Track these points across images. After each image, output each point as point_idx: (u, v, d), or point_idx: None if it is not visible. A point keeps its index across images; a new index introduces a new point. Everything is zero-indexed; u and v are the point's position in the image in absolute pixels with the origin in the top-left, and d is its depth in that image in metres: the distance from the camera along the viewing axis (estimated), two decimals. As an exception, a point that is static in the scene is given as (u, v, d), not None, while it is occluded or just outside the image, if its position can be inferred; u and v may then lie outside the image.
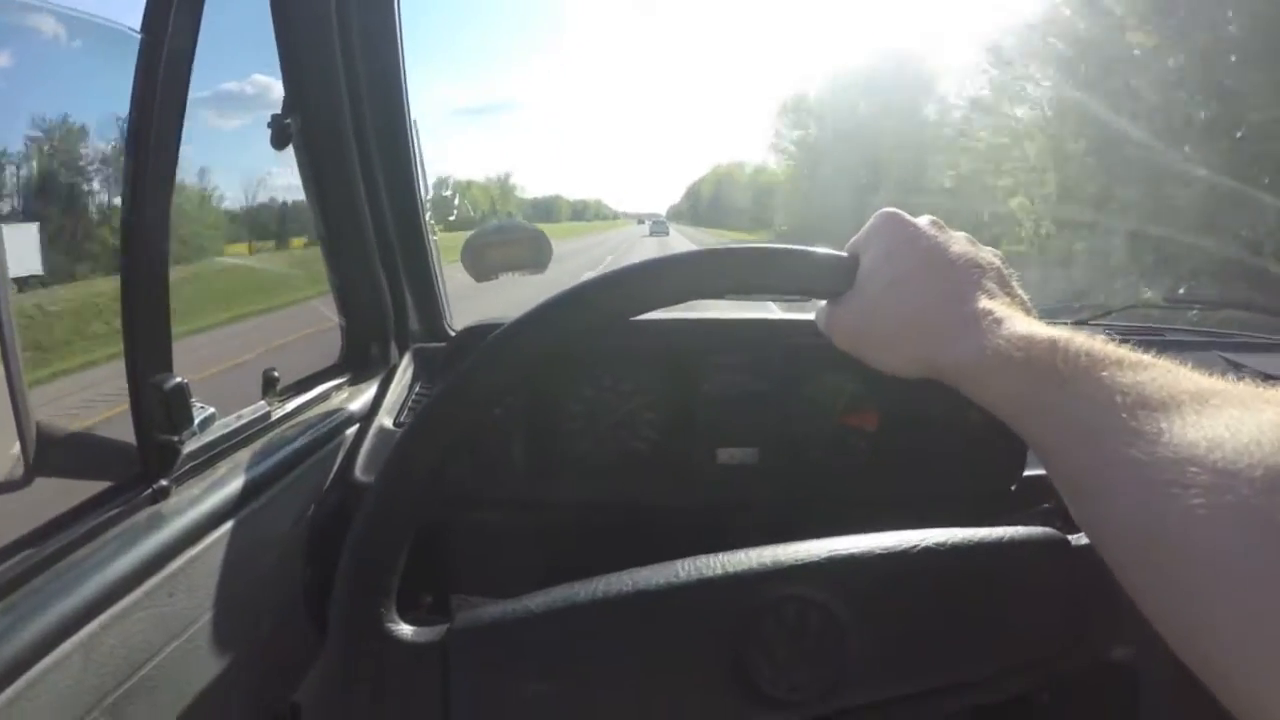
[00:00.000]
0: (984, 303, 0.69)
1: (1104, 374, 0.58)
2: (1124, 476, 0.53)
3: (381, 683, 0.76)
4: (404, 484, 0.76)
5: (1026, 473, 1.30)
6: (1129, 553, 0.54)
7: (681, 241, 56.09)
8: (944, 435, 1.29)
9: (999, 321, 0.67)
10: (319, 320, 1.81)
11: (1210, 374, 0.56)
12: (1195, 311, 2.32)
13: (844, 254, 0.80)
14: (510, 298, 1.91)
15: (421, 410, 0.77)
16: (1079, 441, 0.58)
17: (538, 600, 0.77)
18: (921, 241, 0.75)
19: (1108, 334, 1.74)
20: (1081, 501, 0.59)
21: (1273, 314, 2.27)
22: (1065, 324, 0.66)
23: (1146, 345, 0.58)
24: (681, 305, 0.78)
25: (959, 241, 0.76)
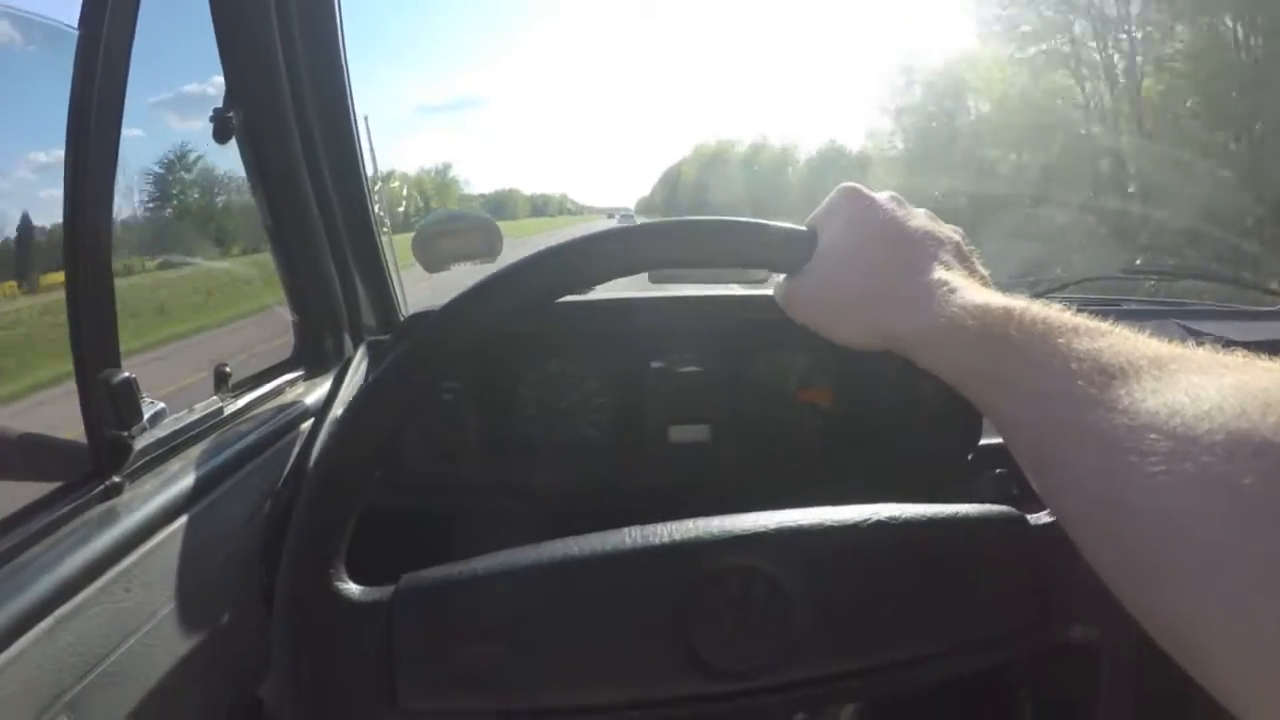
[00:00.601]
0: (939, 273, 0.70)
1: (1060, 341, 0.59)
2: (1082, 445, 0.53)
3: (326, 641, 0.76)
4: (347, 453, 0.76)
5: (982, 441, 1.32)
6: (1089, 522, 0.54)
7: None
8: (899, 407, 1.31)
9: (953, 291, 0.67)
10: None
11: (1169, 341, 0.56)
12: (1152, 282, 2.35)
13: (803, 228, 0.80)
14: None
15: (368, 383, 0.77)
16: (1035, 410, 0.58)
17: (484, 563, 0.79)
18: (880, 215, 0.76)
19: (1066, 305, 1.77)
20: (1040, 470, 0.59)
21: (1229, 283, 2.31)
22: (1025, 296, 0.67)
23: (1103, 315, 0.59)
24: (637, 285, 0.79)
25: (918, 217, 0.77)
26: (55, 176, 0.92)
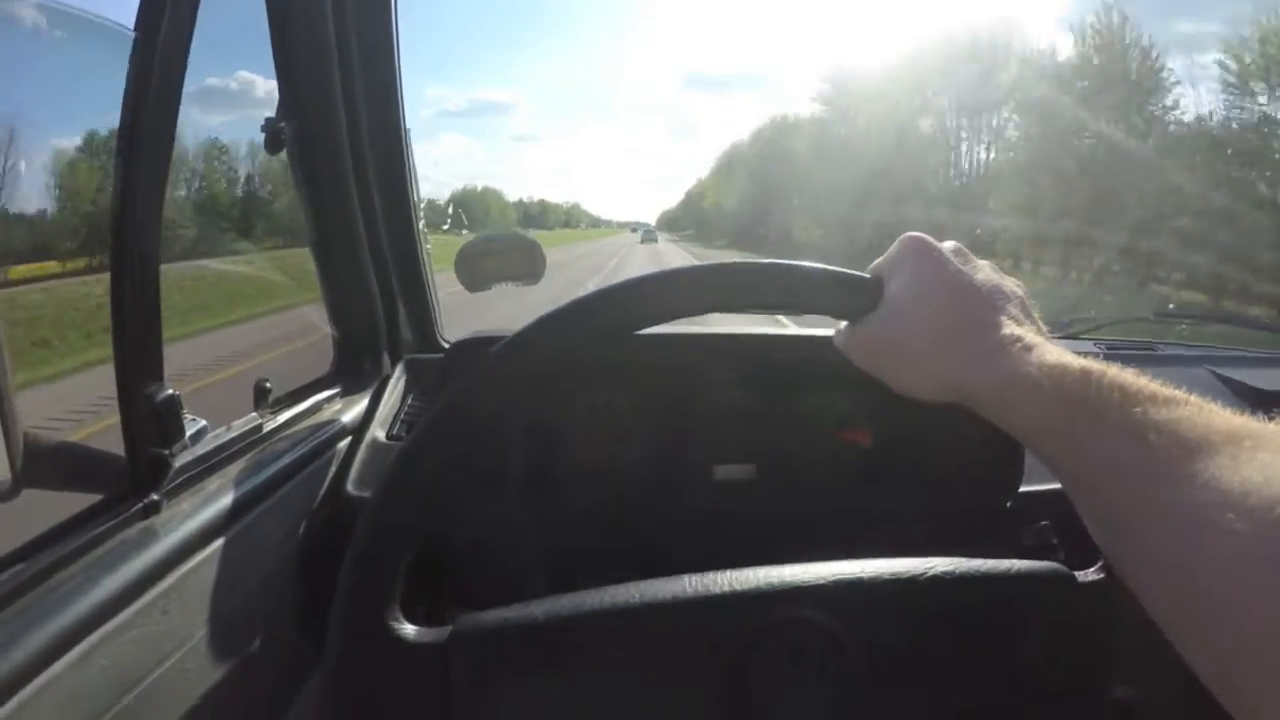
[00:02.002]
0: (1011, 329, 0.70)
1: (1137, 410, 0.58)
2: (1159, 517, 0.54)
3: (380, 681, 0.75)
4: (409, 487, 0.75)
5: (1023, 488, 1.30)
6: (1161, 591, 0.54)
7: (670, 248, 57.76)
8: (940, 451, 1.29)
9: (1028, 349, 0.67)
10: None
11: (1208, 396, 0.58)
12: (1185, 326, 2.34)
13: (868, 275, 0.79)
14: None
15: (431, 414, 0.75)
16: (1111, 478, 0.59)
17: (543, 607, 0.77)
18: (948, 267, 0.75)
19: (1098, 347, 1.72)
20: (1111, 536, 0.61)
21: (1261, 328, 2.30)
22: (1060, 338, 0.65)
23: (1137, 360, 0.59)
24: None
25: (983, 269, 0.77)
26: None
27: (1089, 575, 0.84)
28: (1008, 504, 1.31)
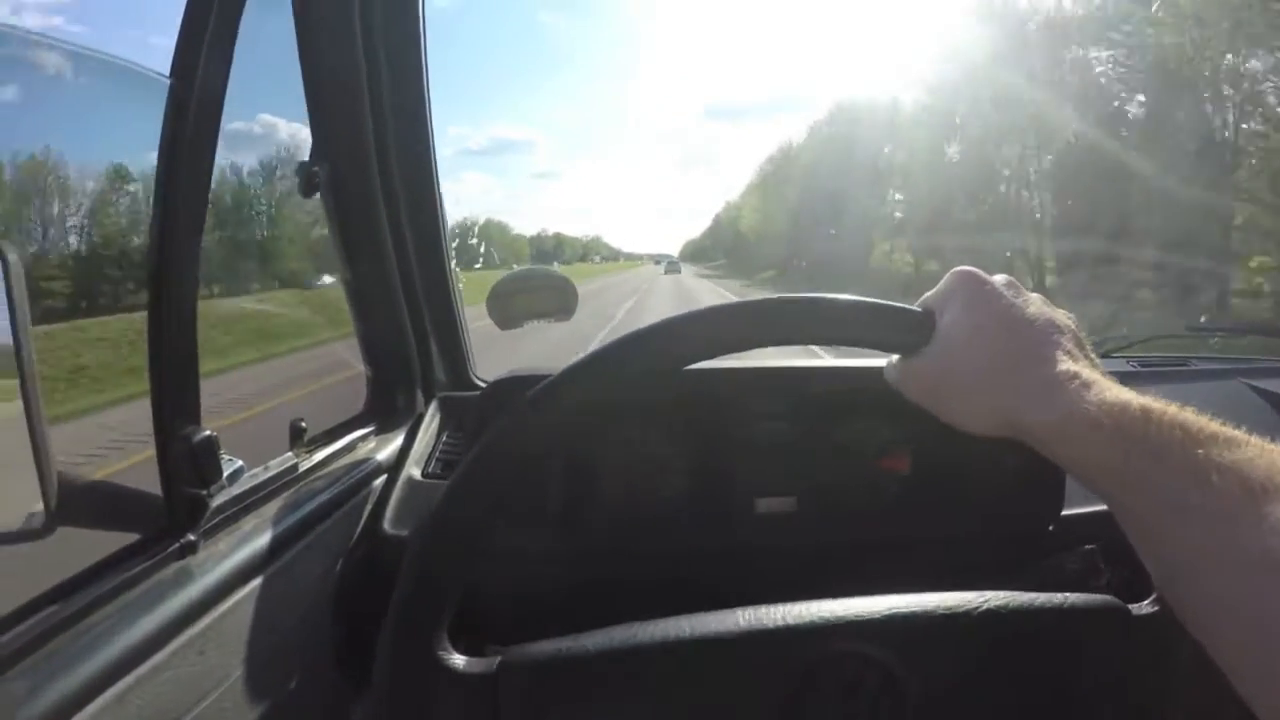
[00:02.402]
0: (1067, 365, 0.69)
1: (1199, 450, 0.58)
2: (1224, 561, 0.54)
3: (430, 712, 0.75)
4: (459, 517, 0.75)
5: (1065, 511, 1.28)
6: (1229, 638, 0.54)
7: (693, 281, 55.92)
8: (980, 476, 1.28)
9: (1086, 385, 0.67)
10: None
11: (1244, 410, 0.59)
12: (1217, 339, 2.32)
13: (919, 309, 0.79)
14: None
15: (469, 456, 0.75)
16: (1174, 519, 0.58)
17: (594, 639, 0.77)
18: (1000, 301, 0.75)
19: (1131, 365, 1.71)
20: (1172, 578, 0.60)
21: None
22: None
23: (1172, 375, 0.58)
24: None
25: (1035, 303, 0.77)
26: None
27: (1144, 609, 0.83)
28: (1050, 528, 1.29)
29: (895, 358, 0.82)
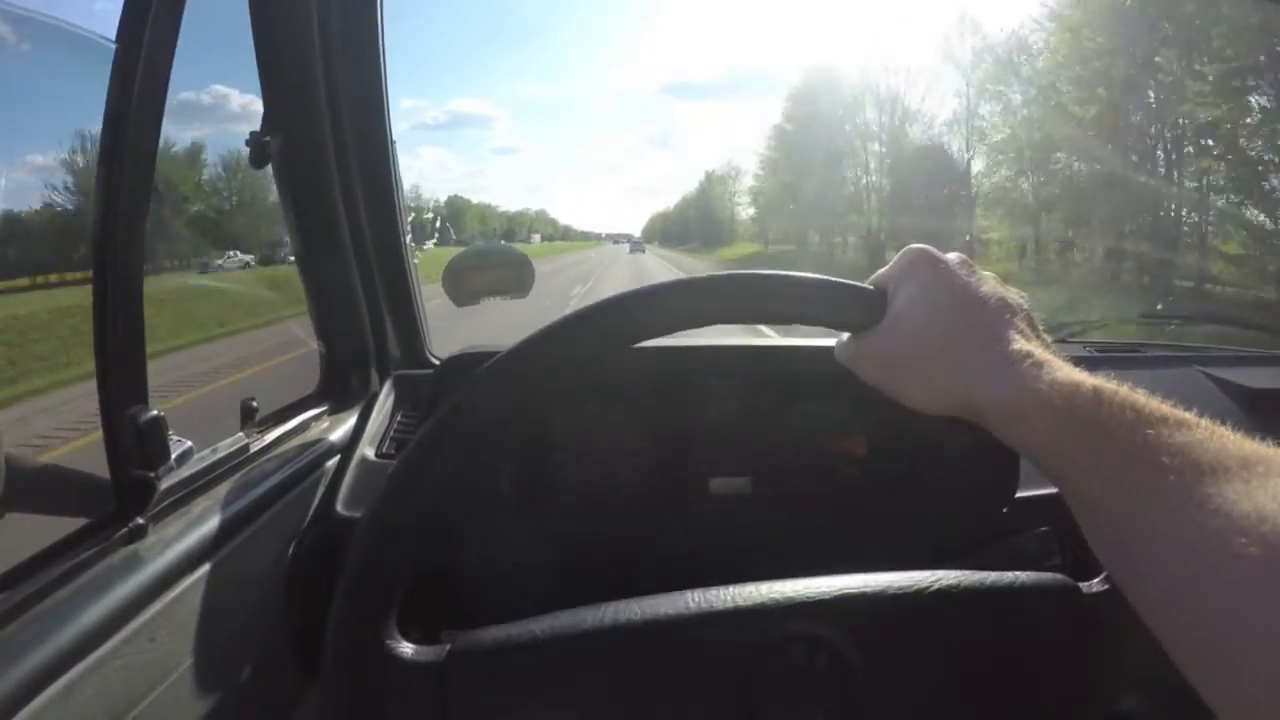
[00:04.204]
0: (1020, 344, 0.69)
1: (1149, 432, 0.59)
2: (1170, 542, 0.55)
3: (379, 701, 0.74)
4: (403, 505, 0.73)
5: (1020, 493, 1.29)
6: (1173, 620, 0.55)
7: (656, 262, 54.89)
8: (935, 458, 1.29)
9: (1039, 365, 0.66)
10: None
11: (1200, 397, 0.59)
12: (1173, 327, 2.36)
13: (871, 287, 0.78)
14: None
15: (424, 431, 0.74)
16: (1121, 500, 0.59)
17: (542, 625, 0.76)
18: (953, 279, 0.75)
19: (1086, 350, 1.72)
20: (1121, 558, 0.61)
21: (1251, 326, 2.33)
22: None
23: (1126, 362, 0.58)
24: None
25: (988, 281, 0.76)
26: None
27: (1094, 586, 0.84)
28: (1004, 510, 1.30)
29: (846, 336, 0.81)
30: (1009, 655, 0.82)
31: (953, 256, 0.78)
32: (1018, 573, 0.84)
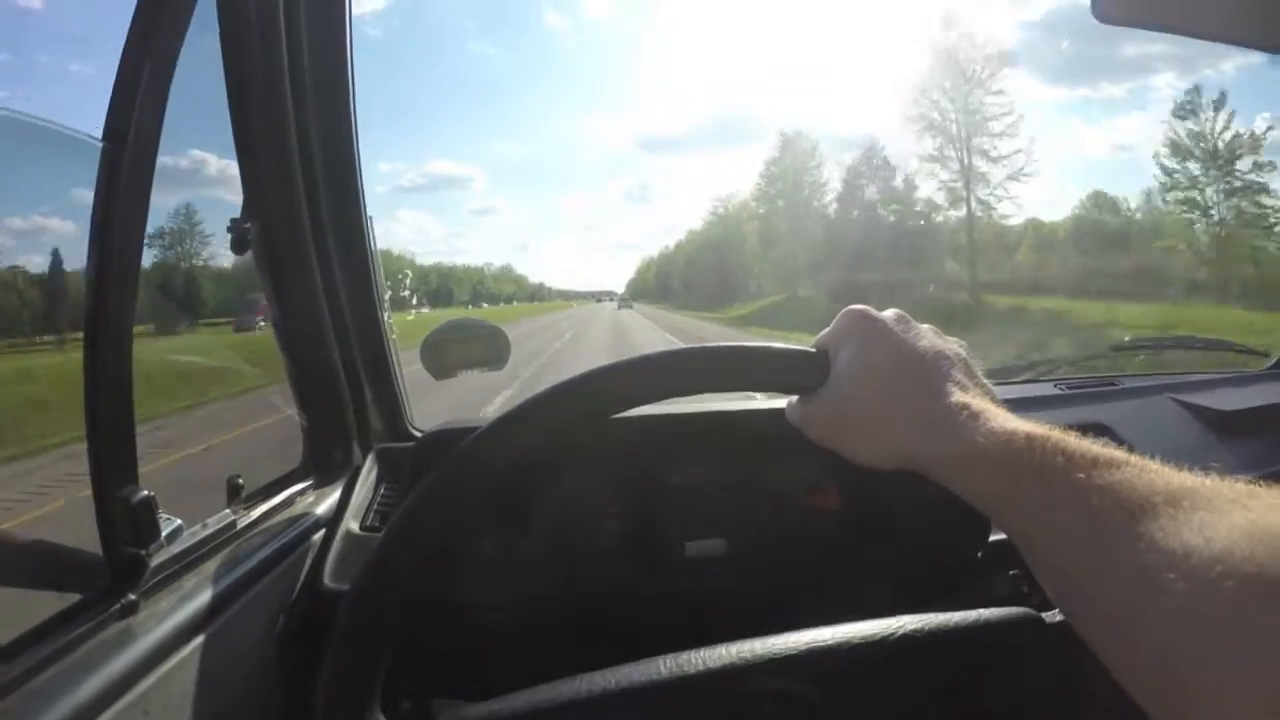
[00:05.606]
0: (957, 396, 0.72)
1: (1080, 475, 0.61)
2: (1103, 580, 0.57)
3: None
4: (384, 585, 0.76)
5: (993, 538, 1.32)
6: (1109, 646, 0.57)
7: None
8: (907, 508, 1.30)
9: (975, 416, 0.69)
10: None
11: (1173, 425, 0.61)
12: (1142, 356, 2.41)
13: (813, 350, 0.82)
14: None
15: (399, 514, 0.77)
16: (1058, 541, 0.61)
17: (521, 700, 0.78)
18: (891, 337, 0.78)
19: (1059, 388, 1.75)
20: (1062, 595, 0.63)
21: (1216, 348, 2.39)
22: (1020, 382, 0.69)
23: (1100, 396, 0.60)
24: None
25: (926, 335, 0.80)
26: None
27: (1056, 617, 0.86)
28: (979, 555, 1.33)
29: (795, 399, 0.84)
30: (977, 689, 0.84)
31: (890, 313, 0.82)
32: (981, 610, 0.87)
